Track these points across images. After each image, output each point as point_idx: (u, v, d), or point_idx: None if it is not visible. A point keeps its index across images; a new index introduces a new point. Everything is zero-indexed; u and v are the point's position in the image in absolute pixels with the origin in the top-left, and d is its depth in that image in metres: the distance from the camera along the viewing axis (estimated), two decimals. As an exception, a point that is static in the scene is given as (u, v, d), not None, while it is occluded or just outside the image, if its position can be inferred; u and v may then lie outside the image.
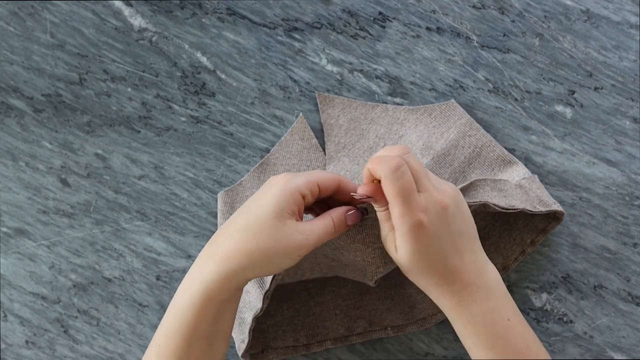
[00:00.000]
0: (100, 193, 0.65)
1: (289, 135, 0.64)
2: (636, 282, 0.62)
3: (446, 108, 0.62)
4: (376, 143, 0.63)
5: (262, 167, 0.63)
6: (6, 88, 0.65)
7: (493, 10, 0.64)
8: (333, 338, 0.61)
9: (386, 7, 0.65)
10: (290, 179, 0.46)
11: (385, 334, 0.61)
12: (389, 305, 0.62)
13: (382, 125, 0.63)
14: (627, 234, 0.63)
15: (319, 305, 0.62)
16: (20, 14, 0.66)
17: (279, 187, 0.45)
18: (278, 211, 0.44)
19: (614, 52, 0.64)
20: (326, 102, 0.64)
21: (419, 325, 0.61)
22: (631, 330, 0.62)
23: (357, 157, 0.63)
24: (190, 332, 0.45)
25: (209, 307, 0.45)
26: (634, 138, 0.63)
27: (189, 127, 0.65)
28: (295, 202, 0.45)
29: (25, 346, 0.64)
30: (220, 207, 0.62)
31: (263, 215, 0.44)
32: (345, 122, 0.63)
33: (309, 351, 0.61)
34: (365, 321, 0.62)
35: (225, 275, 0.44)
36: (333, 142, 0.63)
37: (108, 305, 0.64)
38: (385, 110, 0.63)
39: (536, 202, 0.57)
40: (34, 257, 0.64)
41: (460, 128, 0.61)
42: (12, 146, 0.65)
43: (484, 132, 0.62)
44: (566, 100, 0.64)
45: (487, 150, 0.61)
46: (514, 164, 0.61)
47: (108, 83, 0.65)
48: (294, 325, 0.61)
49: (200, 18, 0.65)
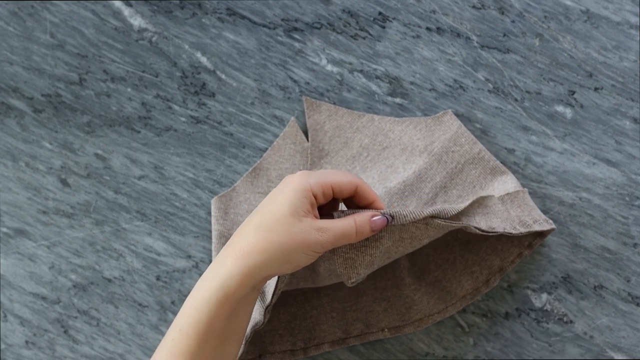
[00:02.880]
0: (100, 193, 0.65)
1: (280, 140, 0.64)
2: (636, 282, 0.62)
3: (432, 122, 0.62)
4: (359, 152, 0.63)
5: (255, 172, 0.63)
6: (6, 88, 0.65)
7: (493, 10, 0.64)
8: (330, 341, 0.61)
9: (386, 7, 0.65)
10: (305, 178, 0.45)
11: (382, 335, 0.61)
12: (386, 306, 0.62)
13: (367, 135, 0.63)
14: (627, 234, 0.63)
15: (315, 309, 0.62)
16: (20, 14, 0.66)
17: (293, 186, 0.45)
18: (293, 209, 0.44)
19: (614, 53, 0.64)
20: (313, 107, 0.64)
21: (416, 326, 0.61)
22: (631, 331, 0.62)
23: (339, 166, 0.63)
24: (205, 329, 0.44)
25: (225, 305, 0.44)
26: (634, 138, 0.63)
27: (189, 127, 0.65)
28: (309, 200, 0.45)
29: (25, 346, 0.64)
30: (214, 212, 0.62)
31: (278, 212, 0.44)
32: (330, 129, 0.63)
33: (307, 355, 0.61)
34: (362, 323, 0.62)
35: (242, 272, 0.44)
36: (317, 147, 0.63)
37: (108, 305, 0.64)
38: (371, 120, 0.63)
39: (516, 222, 0.57)
40: (34, 257, 0.64)
41: (445, 143, 0.61)
42: (12, 146, 0.65)
43: (470, 148, 0.61)
44: (566, 101, 0.64)
45: (469, 167, 0.60)
46: (503, 174, 0.61)
47: (108, 83, 0.65)
48: (290, 329, 0.61)
49: (200, 18, 0.65)
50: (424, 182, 0.60)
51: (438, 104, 0.64)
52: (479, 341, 0.63)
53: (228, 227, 0.61)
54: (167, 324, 0.63)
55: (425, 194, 0.59)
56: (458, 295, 0.61)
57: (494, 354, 0.62)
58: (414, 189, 0.59)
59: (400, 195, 0.59)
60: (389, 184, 0.60)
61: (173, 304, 0.64)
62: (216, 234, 0.61)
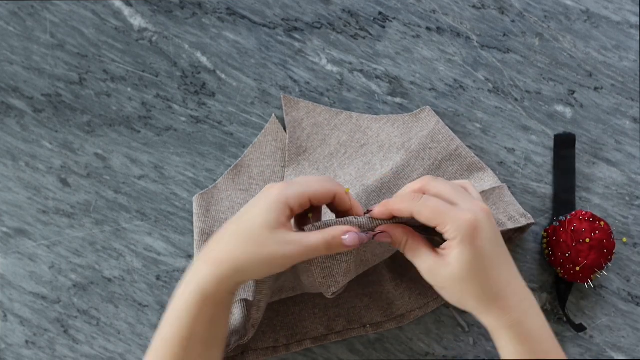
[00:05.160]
0: (100, 193, 0.65)
1: (262, 137, 0.64)
2: (636, 282, 0.62)
3: (410, 119, 0.63)
4: (337, 150, 0.63)
5: (237, 169, 0.63)
6: (6, 88, 0.65)
7: (493, 10, 0.64)
8: (312, 337, 0.61)
9: (386, 7, 0.65)
10: (283, 190, 0.47)
11: (364, 331, 0.62)
12: (368, 302, 0.62)
13: (345, 133, 0.63)
14: (627, 234, 0.63)
15: (297, 305, 0.62)
16: (20, 14, 0.66)
17: (270, 199, 0.47)
18: (266, 222, 0.46)
19: (614, 52, 0.64)
20: (291, 104, 0.64)
21: (398, 321, 0.62)
22: (631, 330, 0.62)
23: (317, 162, 0.63)
24: (187, 336, 0.46)
25: (204, 310, 0.46)
26: (634, 138, 0.63)
27: (189, 127, 0.65)
28: (284, 213, 0.46)
29: (25, 346, 0.64)
30: (195, 210, 0.62)
31: (253, 223, 0.46)
32: (308, 127, 0.64)
33: (289, 351, 0.61)
34: (344, 319, 0.62)
35: (217, 278, 0.46)
36: (295, 144, 0.63)
37: (108, 305, 0.64)
38: (349, 117, 0.63)
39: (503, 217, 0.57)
40: (34, 257, 0.64)
41: (422, 140, 0.61)
42: (12, 146, 0.65)
43: (447, 145, 0.61)
44: (566, 100, 0.64)
45: (447, 164, 0.61)
46: (480, 170, 0.61)
47: (108, 83, 0.65)
48: (273, 326, 0.61)
49: (200, 18, 0.65)
50: (402, 180, 0.60)
51: (438, 104, 0.64)
52: (479, 341, 0.63)
53: (209, 225, 0.61)
54: (167, 324, 0.63)
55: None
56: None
57: (494, 354, 0.62)
58: (391, 186, 0.60)
59: (378, 193, 0.60)
60: (366, 181, 0.60)
61: (173, 304, 0.64)
62: (198, 231, 0.61)
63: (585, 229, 0.58)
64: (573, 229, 0.58)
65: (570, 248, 0.58)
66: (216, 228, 0.61)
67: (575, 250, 0.58)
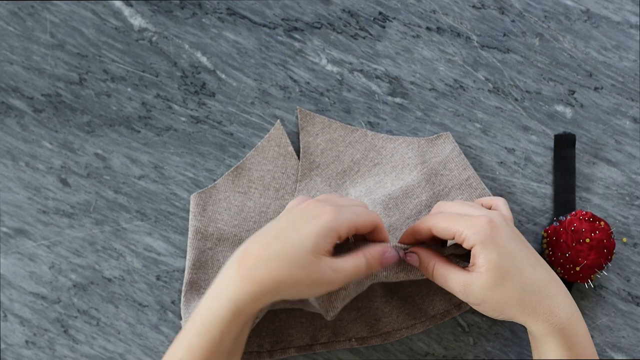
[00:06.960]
0: (100, 193, 0.65)
1: (265, 141, 0.64)
2: (636, 282, 0.62)
3: (426, 143, 0.63)
4: (350, 167, 0.63)
5: (237, 171, 0.63)
6: (6, 88, 0.65)
7: (493, 10, 0.64)
8: (297, 346, 0.61)
9: (386, 7, 0.65)
10: (335, 216, 0.46)
11: (349, 345, 0.61)
12: (355, 316, 0.62)
13: (359, 150, 0.63)
14: (627, 234, 0.63)
15: (284, 312, 0.62)
16: (20, 14, 0.66)
17: (321, 224, 0.45)
18: (316, 247, 0.44)
19: (614, 52, 0.64)
20: (307, 119, 0.64)
21: (383, 338, 0.61)
22: (631, 330, 0.62)
23: (330, 179, 0.63)
24: (215, 348, 0.45)
25: (236, 325, 0.45)
26: (634, 138, 0.63)
27: (189, 127, 0.65)
28: (332, 241, 0.45)
29: (25, 346, 0.64)
30: (192, 208, 0.62)
31: (300, 247, 0.44)
32: (322, 142, 0.64)
33: (273, 357, 0.60)
34: (330, 331, 0.61)
35: (255, 297, 0.44)
36: (308, 159, 0.63)
37: (108, 305, 0.64)
38: (364, 135, 0.63)
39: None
40: (34, 257, 0.64)
41: (435, 166, 0.61)
42: (12, 146, 0.65)
43: (459, 174, 0.61)
44: (566, 100, 0.64)
45: (456, 192, 0.61)
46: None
47: (108, 83, 0.65)
48: (258, 331, 0.61)
49: (200, 18, 0.65)
50: (410, 198, 0.60)
51: (438, 104, 0.64)
52: (479, 341, 0.63)
53: (205, 224, 0.61)
54: (167, 324, 0.63)
55: (409, 210, 0.60)
56: (429, 314, 0.61)
57: (494, 354, 0.62)
58: (398, 202, 0.60)
59: (384, 207, 0.60)
60: (374, 195, 0.60)
61: (173, 304, 0.64)
62: (193, 230, 0.61)
63: (585, 229, 0.58)
64: (573, 229, 0.58)
65: (570, 248, 0.58)
66: (211, 228, 0.61)
67: (575, 250, 0.58)
